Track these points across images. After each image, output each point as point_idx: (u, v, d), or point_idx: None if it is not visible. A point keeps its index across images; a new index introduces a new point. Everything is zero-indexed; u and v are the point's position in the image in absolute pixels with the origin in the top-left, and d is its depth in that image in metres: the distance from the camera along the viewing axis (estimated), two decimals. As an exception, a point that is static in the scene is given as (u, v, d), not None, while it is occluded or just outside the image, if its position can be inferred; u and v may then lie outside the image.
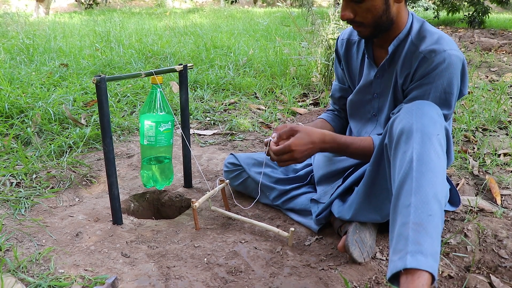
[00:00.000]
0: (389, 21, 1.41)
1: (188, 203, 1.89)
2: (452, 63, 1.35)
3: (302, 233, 1.62)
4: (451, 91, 1.37)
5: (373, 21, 1.39)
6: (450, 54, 1.35)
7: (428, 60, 1.37)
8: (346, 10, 1.39)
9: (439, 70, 1.35)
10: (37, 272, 1.34)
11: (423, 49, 1.39)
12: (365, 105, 1.63)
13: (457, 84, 1.38)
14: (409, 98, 1.42)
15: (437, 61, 1.35)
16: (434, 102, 1.35)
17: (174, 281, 1.31)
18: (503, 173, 2.15)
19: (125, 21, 8.28)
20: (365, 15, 1.38)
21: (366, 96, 1.61)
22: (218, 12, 12.02)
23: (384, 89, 1.55)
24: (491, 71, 4.85)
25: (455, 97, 1.39)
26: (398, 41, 1.46)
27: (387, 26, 1.42)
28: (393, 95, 1.51)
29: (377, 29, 1.42)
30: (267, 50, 4.89)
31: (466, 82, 1.43)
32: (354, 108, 1.68)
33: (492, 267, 1.41)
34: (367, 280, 1.35)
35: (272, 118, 2.99)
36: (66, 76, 3.60)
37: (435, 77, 1.36)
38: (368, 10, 1.36)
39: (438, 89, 1.36)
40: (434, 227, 1.01)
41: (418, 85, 1.40)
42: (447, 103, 1.38)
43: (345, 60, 1.69)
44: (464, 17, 10.33)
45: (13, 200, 1.79)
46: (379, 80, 1.55)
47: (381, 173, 1.34)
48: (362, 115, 1.65)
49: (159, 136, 1.64)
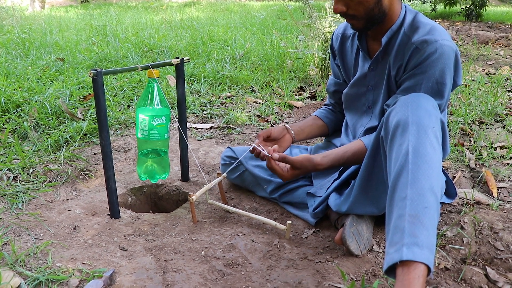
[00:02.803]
0: (382, 13, 1.42)
1: (186, 197, 1.89)
2: (444, 53, 1.35)
3: (299, 226, 1.63)
4: (443, 81, 1.37)
5: (365, 14, 1.40)
6: (442, 44, 1.36)
7: (420, 51, 1.38)
8: (338, 3, 1.40)
9: (431, 60, 1.36)
10: (35, 266, 1.34)
11: (415, 39, 1.40)
12: (360, 98, 1.64)
13: (449, 74, 1.38)
14: (402, 89, 1.43)
15: (429, 51, 1.36)
16: (426, 92, 1.36)
17: (172, 274, 1.32)
18: (499, 165, 2.16)
19: (122, 15, 8.23)
20: (357, 8, 1.39)
21: (361, 88, 1.62)
22: (215, 5, 11.97)
23: (378, 81, 1.56)
24: (488, 64, 4.86)
25: (448, 87, 1.39)
26: (391, 33, 1.46)
27: (380, 18, 1.43)
28: (387, 87, 1.52)
29: (370, 21, 1.43)
30: (264, 43, 4.88)
31: (459, 72, 1.43)
32: (349, 101, 1.69)
33: (488, 259, 1.42)
34: (364, 272, 1.36)
35: (269, 112, 2.99)
36: (63, 70, 3.59)
37: (427, 67, 1.37)
38: (360, 3, 1.37)
39: (430, 79, 1.37)
40: (430, 219, 1.02)
41: (410, 75, 1.41)
42: (440, 93, 1.38)
43: (339, 55, 1.71)
44: (461, 10, 10.32)
45: (10, 194, 1.79)
46: (373, 73, 1.56)
47: (378, 166, 1.34)
48: (358, 108, 1.66)
49: (152, 130, 1.63)
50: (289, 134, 1.73)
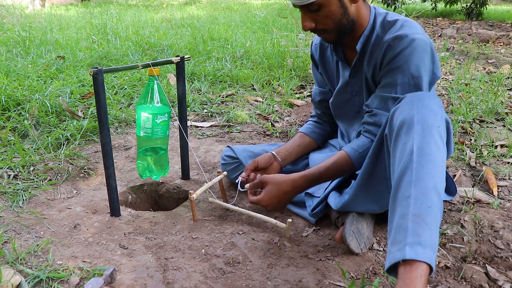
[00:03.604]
0: (350, 22, 1.44)
1: (186, 195, 1.89)
2: (416, 46, 1.36)
3: (299, 224, 1.63)
4: (419, 75, 1.38)
5: (335, 26, 1.42)
6: (414, 38, 1.37)
7: (392, 47, 1.39)
8: (306, 21, 1.42)
9: (403, 55, 1.37)
10: (35, 264, 1.34)
11: (387, 38, 1.42)
12: (346, 104, 1.67)
13: (424, 67, 1.39)
14: (379, 87, 1.45)
15: (401, 46, 1.37)
16: (403, 88, 1.38)
17: (172, 272, 1.32)
18: (499, 164, 2.16)
19: (122, 13, 8.22)
20: (325, 22, 1.41)
21: (345, 96, 1.66)
22: (215, 4, 11.95)
23: (361, 86, 1.59)
24: (489, 62, 4.85)
25: (425, 80, 1.40)
26: (364, 38, 1.49)
27: (350, 27, 1.45)
28: (367, 90, 1.55)
29: (340, 33, 1.45)
30: (265, 42, 4.87)
31: (436, 63, 1.44)
32: (337, 109, 1.72)
33: (488, 257, 1.42)
34: (364, 270, 1.36)
35: (269, 110, 2.99)
36: (63, 69, 3.59)
37: (401, 62, 1.38)
38: (327, 17, 1.39)
39: (405, 74, 1.38)
40: (433, 219, 1.02)
41: (386, 72, 1.42)
42: (418, 87, 1.39)
43: (321, 64, 1.74)
44: (462, 8, 10.30)
45: (11, 192, 1.79)
46: (355, 79, 1.59)
47: (380, 164, 1.34)
48: (347, 114, 1.70)
49: (155, 128, 1.63)
50: (276, 161, 1.74)
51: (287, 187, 1.48)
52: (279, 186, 1.48)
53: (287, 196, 1.50)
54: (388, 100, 1.42)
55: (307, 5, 1.37)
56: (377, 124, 1.44)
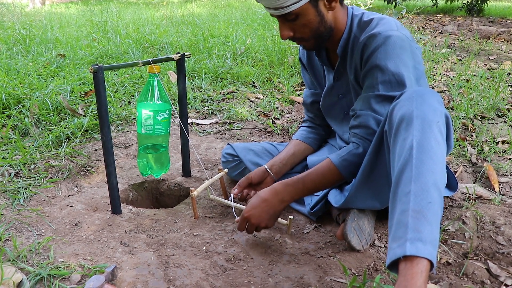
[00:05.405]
0: (328, 29, 1.44)
1: (187, 192, 1.89)
2: (391, 43, 1.35)
3: (300, 221, 1.63)
4: (398, 71, 1.35)
5: (312, 34, 1.42)
6: (388, 35, 1.35)
7: (367, 46, 1.38)
8: (284, 30, 1.41)
9: (379, 52, 1.36)
10: (36, 262, 1.34)
11: (363, 37, 1.41)
12: (335, 106, 1.68)
13: (403, 64, 1.36)
14: (364, 88, 1.43)
15: (376, 44, 1.36)
16: (386, 87, 1.36)
17: (174, 269, 1.32)
18: (501, 160, 2.16)
19: (122, 11, 8.21)
20: (303, 30, 1.41)
21: (333, 98, 1.66)
22: (216, 1, 11.93)
23: (346, 89, 1.59)
24: (490, 59, 4.84)
25: (408, 76, 1.36)
26: (344, 41, 1.48)
27: (328, 34, 1.45)
28: (354, 92, 1.55)
29: (318, 40, 1.45)
30: (265, 39, 4.86)
31: (417, 57, 1.43)
32: (327, 111, 1.73)
33: (490, 254, 1.41)
34: (366, 267, 1.36)
35: (270, 107, 2.98)
36: (63, 67, 3.58)
37: (377, 60, 1.36)
38: (304, 25, 1.39)
39: (385, 73, 1.36)
40: (433, 215, 1.02)
41: (365, 72, 1.41)
42: (401, 84, 1.36)
43: (309, 68, 1.75)
44: (462, 5, 10.27)
45: (12, 190, 1.79)
46: (339, 82, 1.60)
47: (380, 160, 1.33)
48: (336, 116, 1.70)
49: (157, 125, 1.63)
50: (269, 177, 1.71)
51: (265, 194, 1.43)
52: (258, 194, 1.44)
53: (267, 204, 1.41)
54: (370, 99, 1.39)
55: (284, 15, 1.36)
56: (363, 125, 1.40)
